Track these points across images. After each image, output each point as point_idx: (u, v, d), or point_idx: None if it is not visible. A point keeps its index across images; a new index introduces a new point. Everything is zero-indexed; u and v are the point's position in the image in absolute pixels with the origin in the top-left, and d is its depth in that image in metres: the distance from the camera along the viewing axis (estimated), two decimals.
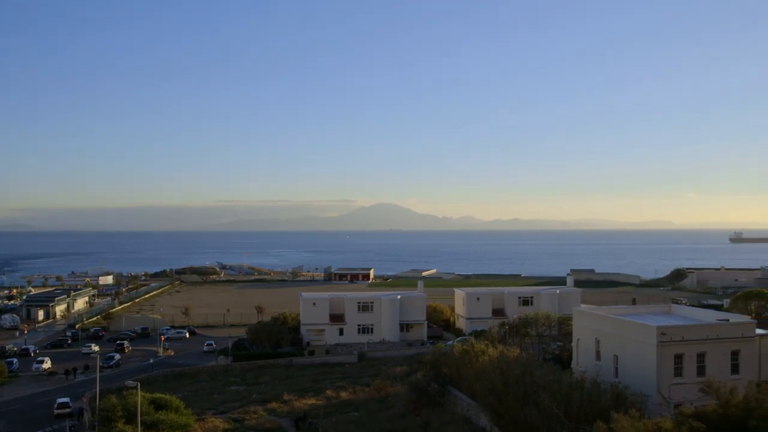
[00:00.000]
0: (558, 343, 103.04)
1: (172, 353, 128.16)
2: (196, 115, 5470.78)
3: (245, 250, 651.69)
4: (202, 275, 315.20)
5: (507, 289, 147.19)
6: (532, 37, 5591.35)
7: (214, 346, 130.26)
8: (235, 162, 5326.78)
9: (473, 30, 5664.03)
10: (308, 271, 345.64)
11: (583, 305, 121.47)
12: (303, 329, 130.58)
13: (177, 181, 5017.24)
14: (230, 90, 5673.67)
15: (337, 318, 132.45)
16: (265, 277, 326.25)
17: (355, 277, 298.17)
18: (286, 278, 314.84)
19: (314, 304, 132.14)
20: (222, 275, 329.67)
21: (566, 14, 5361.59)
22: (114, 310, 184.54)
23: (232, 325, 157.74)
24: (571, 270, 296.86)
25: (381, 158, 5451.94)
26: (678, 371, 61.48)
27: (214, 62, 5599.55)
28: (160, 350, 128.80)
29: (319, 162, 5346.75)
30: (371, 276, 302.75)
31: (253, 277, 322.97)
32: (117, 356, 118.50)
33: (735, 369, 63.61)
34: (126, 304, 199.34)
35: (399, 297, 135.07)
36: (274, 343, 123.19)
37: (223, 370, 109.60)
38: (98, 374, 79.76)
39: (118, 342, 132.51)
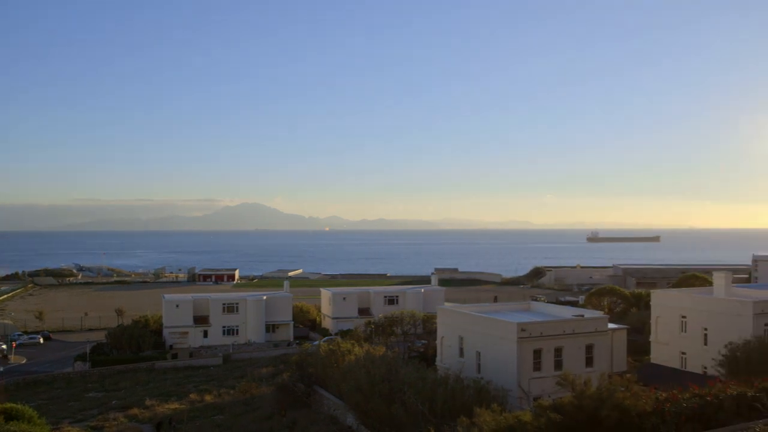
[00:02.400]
0: (423, 341, 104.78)
1: (24, 360, 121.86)
2: (52, 108, 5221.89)
3: (104, 250, 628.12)
4: (57, 277, 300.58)
5: (373, 289, 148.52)
6: (395, 30, 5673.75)
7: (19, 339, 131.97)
8: (93, 159, 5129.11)
9: (344, 27, 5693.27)
10: (171, 272, 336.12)
11: (447, 303, 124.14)
12: (166, 332, 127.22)
13: (27, 177, 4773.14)
14: (90, 84, 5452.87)
15: (201, 320, 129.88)
16: (126, 278, 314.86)
17: (220, 277, 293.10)
18: (148, 280, 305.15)
19: (177, 305, 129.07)
20: (79, 277, 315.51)
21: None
22: None
23: (90, 330, 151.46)
24: (436, 269, 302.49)
25: (246, 157, 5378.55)
26: (537, 365, 63.71)
27: (73, 58, 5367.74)
28: (11, 357, 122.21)
29: (183, 161, 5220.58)
30: (236, 276, 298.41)
31: (112, 279, 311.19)
32: None
33: (589, 362, 66.59)
34: None
35: (265, 297, 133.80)
36: (136, 346, 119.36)
37: (80, 376, 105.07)
38: None
39: None
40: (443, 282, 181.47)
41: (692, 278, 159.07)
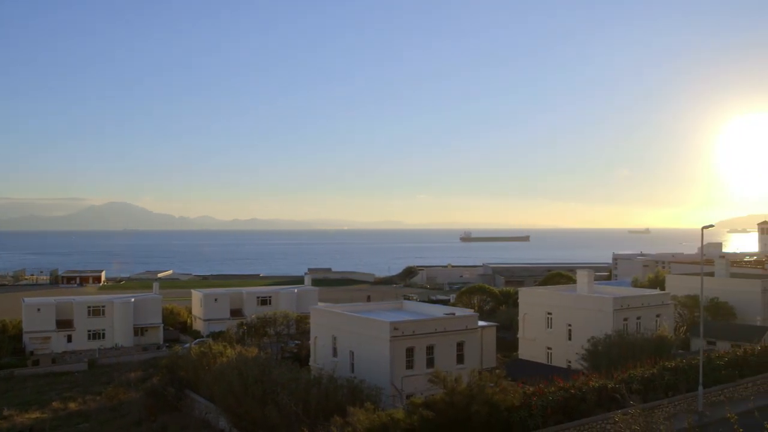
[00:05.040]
0: (296, 342, 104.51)
1: None
2: None
3: None
4: None
5: (245, 289, 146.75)
6: (260, 32, 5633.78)
7: None
8: None
9: (217, 31, 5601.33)
10: (32, 275, 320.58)
11: (320, 303, 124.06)
12: (26, 337, 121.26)
13: None
14: None
15: (64, 324, 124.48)
16: None
17: (85, 279, 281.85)
18: (6, 282, 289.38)
19: (39, 309, 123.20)
20: None
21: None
22: None
23: None
24: (309, 269, 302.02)
25: (112, 155, 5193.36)
26: (409, 364, 64.65)
27: None
28: None
29: (43, 158, 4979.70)
30: (103, 278, 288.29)
31: None
32: None
33: (460, 359, 68.15)
34: None
35: (133, 300, 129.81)
36: None
37: None
38: None
39: None
40: (316, 282, 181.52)
41: (557, 276, 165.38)
